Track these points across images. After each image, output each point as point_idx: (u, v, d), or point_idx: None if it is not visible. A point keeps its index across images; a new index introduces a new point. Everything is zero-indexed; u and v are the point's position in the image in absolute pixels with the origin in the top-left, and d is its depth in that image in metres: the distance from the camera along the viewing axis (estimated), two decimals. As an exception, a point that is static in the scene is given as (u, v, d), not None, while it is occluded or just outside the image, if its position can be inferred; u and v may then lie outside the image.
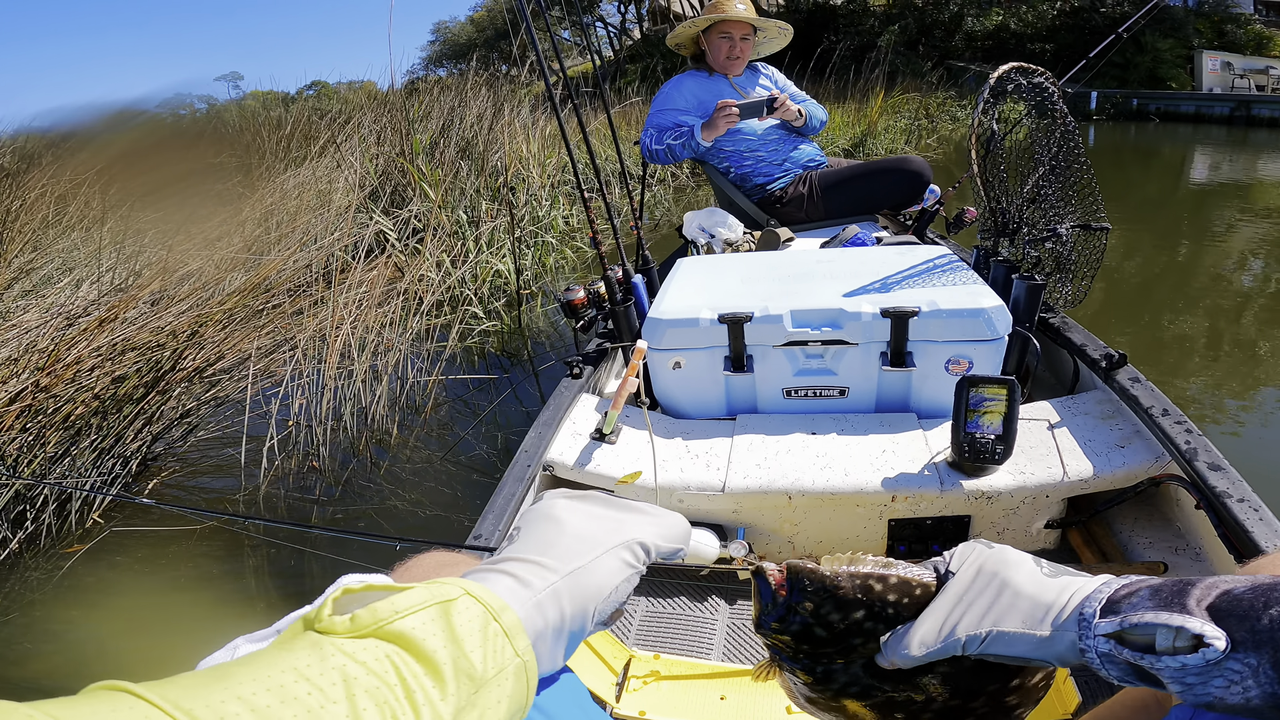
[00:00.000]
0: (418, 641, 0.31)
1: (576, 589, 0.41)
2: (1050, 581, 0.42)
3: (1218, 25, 16.08)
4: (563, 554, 0.42)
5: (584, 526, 0.44)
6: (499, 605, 0.36)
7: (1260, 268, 4.06)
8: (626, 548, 0.45)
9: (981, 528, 1.16)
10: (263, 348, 2.26)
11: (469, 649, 0.33)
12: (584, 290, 1.62)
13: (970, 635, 0.41)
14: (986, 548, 0.46)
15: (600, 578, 0.42)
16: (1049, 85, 1.44)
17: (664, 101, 2.44)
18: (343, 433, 2.19)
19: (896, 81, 9.95)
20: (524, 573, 0.40)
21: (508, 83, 6.00)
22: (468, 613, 0.34)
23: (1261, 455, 2.10)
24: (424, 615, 0.33)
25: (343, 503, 1.94)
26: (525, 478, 1.21)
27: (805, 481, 1.16)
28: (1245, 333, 3.05)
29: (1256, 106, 13.06)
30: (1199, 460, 1.00)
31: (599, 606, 0.42)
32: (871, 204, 2.39)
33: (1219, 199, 6.20)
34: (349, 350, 2.24)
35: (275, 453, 2.02)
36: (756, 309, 1.33)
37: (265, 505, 1.91)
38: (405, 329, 2.51)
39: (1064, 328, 1.48)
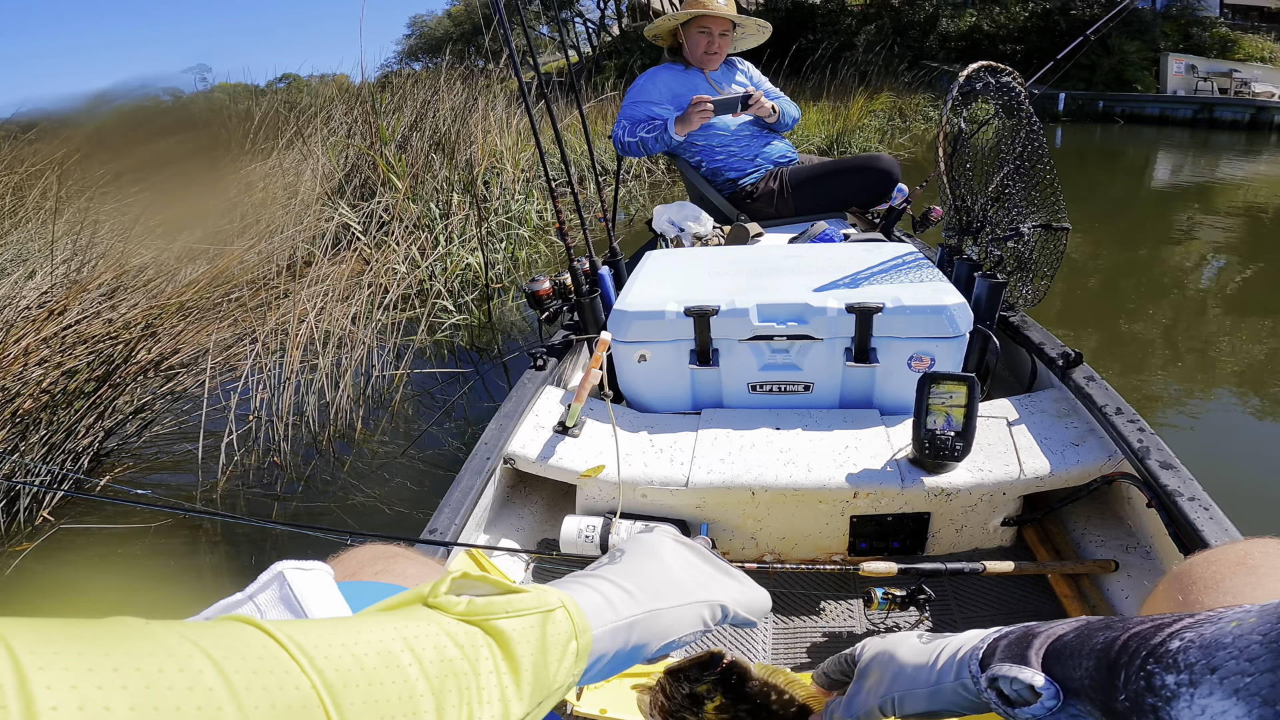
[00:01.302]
0: (514, 644, 0.34)
1: (651, 626, 0.43)
2: (925, 647, 0.48)
3: (1184, 28, 16.46)
4: (654, 591, 0.45)
5: (681, 573, 0.47)
6: (584, 626, 0.38)
7: (1218, 269, 4.17)
8: (708, 605, 0.47)
9: (940, 525, 1.17)
10: (222, 341, 2.20)
11: (550, 660, 0.35)
12: (550, 281, 1.60)
13: (881, 700, 0.48)
14: (881, 639, 0.53)
15: (674, 623, 0.45)
16: (1016, 85, 1.45)
17: (638, 93, 2.42)
18: (305, 428, 2.14)
19: (871, 81, 10.03)
20: (616, 597, 0.43)
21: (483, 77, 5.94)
22: (559, 625, 0.37)
23: (1217, 452, 2.16)
24: (528, 620, 0.35)
25: (305, 498, 1.90)
26: (484, 470, 1.19)
27: (768, 477, 1.16)
28: (1203, 332, 3.13)
29: (1219, 109, 13.41)
30: (1151, 459, 1.01)
31: (659, 648, 0.44)
32: (840, 201, 2.40)
33: (1180, 201, 6.36)
34: (313, 344, 2.19)
35: (235, 448, 1.97)
36: (723, 302, 1.32)
37: (224, 502, 1.87)
38: (371, 322, 2.47)
39: (1023, 326, 1.50)
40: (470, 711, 0.30)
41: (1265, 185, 7.03)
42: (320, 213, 3.21)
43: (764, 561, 1.21)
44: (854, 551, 1.20)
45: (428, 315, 2.77)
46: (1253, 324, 3.18)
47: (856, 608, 1.12)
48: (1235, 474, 2.00)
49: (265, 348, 2.19)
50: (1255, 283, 3.83)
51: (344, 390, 2.19)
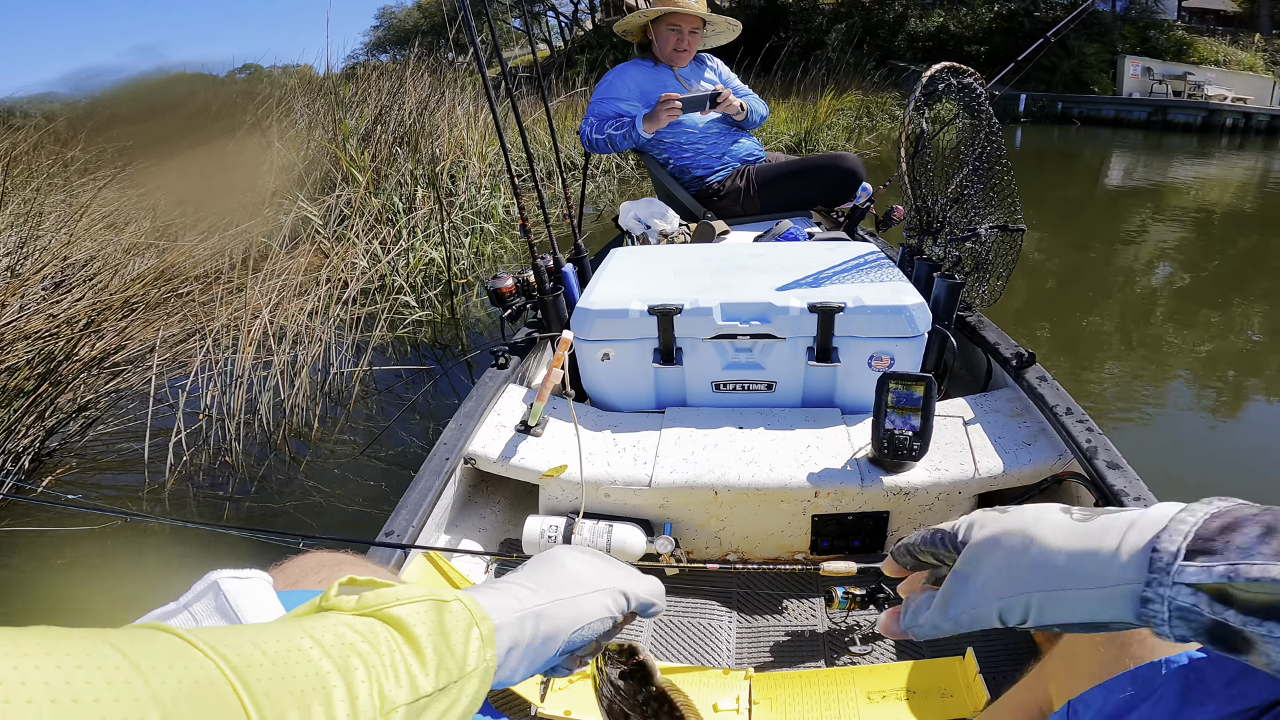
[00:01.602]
0: (409, 626, 0.36)
1: (556, 615, 0.46)
2: (1082, 527, 0.35)
3: (1142, 30, 16.94)
4: (556, 586, 0.48)
5: (579, 570, 0.51)
6: (482, 614, 0.41)
7: (1168, 270, 4.32)
8: (608, 593, 0.50)
9: (899, 524, 1.18)
10: (171, 337, 2.12)
11: (454, 643, 0.37)
12: (513, 278, 1.58)
13: (1005, 603, 0.37)
14: (1000, 514, 0.40)
15: (580, 611, 0.48)
16: (977, 86, 1.47)
17: (606, 90, 2.40)
18: (258, 426, 2.08)
19: (840, 80, 10.14)
20: (518, 593, 0.46)
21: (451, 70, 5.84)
22: (457, 614, 0.39)
23: (1165, 450, 2.23)
24: (419, 607, 0.37)
25: (259, 499, 1.84)
26: (443, 471, 1.17)
27: (731, 476, 1.16)
28: (1154, 330, 3.24)
29: (1172, 112, 13.85)
30: (1098, 459, 1.04)
31: (571, 636, 0.47)
32: (806, 200, 2.42)
33: (1133, 202, 6.57)
34: (267, 340, 2.12)
35: (184, 447, 1.90)
36: (687, 301, 1.32)
37: (173, 502, 1.80)
38: (329, 317, 2.40)
39: (979, 326, 1.53)
40: (380, 687, 0.32)
41: (1214, 187, 7.30)
42: (278, 206, 3.12)
43: (727, 561, 1.22)
44: (816, 550, 1.21)
45: (388, 311, 2.71)
46: (1201, 324, 3.30)
47: (819, 606, 1.13)
48: (1182, 472, 2.07)
49: (216, 344, 2.12)
50: (1203, 284, 3.98)
51: (300, 387, 2.13)
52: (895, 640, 1.05)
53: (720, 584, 1.19)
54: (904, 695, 0.93)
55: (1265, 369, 2.83)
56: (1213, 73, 15.52)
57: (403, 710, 0.32)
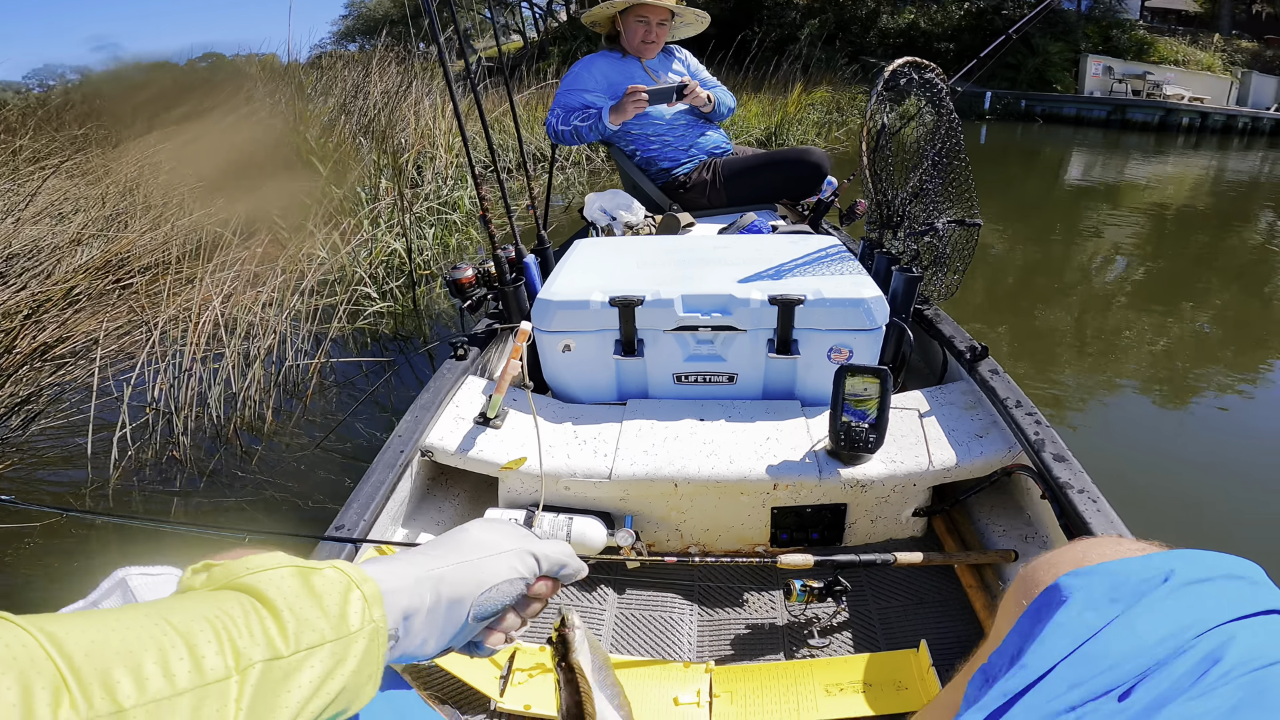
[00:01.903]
0: (263, 591, 0.36)
1: (459, 578, 0.46)
2: None
3: (1105, 30, 17.35)
4: (458, 550, 0.48)
5: (484, 536, 0.51)
6: (362, 577, 0.40)
7: (1123, 265, 4.44)
8: (515, 554, 0.50)
9: (856, 516, 1.19)
10: (117, 329, 2.04)
11: (327, 605, 0.37)
12: (473, 269, 1.56)
13: None
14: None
15: (485, 573, 0.47)
16: (939, 82, 1.48)
17: (573, 81, 2.38)
18: (208, 420, 2.02)
19: (812, 75, 10.20)
20: (415, 559, 0.46)
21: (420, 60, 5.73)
22: (329, 579, 0.38)
23: (1116, 443, 2.29)
24: (276, 574, 0.37)
25: (209, 494, 1.79)
26: (398, 464, 1.14)
27: (691, 469, 1.16)
28: (1109, 324, 3.33)
29: (1131, 111, 14.23)
30: (1045, 451, 1.06)
31: (478, 599, 0.46)
32: (772, 193, 2.43)
33: (1091, 199, 6.74)
34: (217, 331, 2.06)
35: (129, 442, 1.84)
36: (649, 293, 1.31)
37: (117, 498, 1.74)
38: (285, 308, 2.34)
39: (936, 319, 1.55)
40: (234, 646, 0.32)
41: (1169, 185, 7.53)
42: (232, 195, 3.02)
43: (688, 554, 1.22)
44: (775, 543, 1.21)
45: (348, 302, 2.65)
46: (1152, 320, 3.40)
47: (778, 599, 1.14)
48: (1128, 465, 2.13)
49: (164, 335, 2.04)
50: (1156, 280, 4.10)
51: (253, 379, 2.07)
52: (852, 632, 1.06)
53: (681, 577, 1.19)
54: (861, 688, 0.94)
55: (1212, 364, 2.93)
56: (1172, 72, 15.96)
57: (260, 666, 0.33)
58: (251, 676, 0.32)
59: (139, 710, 0.28)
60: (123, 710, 0.28)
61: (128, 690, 0.28)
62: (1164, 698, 0.39)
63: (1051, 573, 0.51)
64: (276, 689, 0.33)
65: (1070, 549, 0.54)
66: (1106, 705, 0.41)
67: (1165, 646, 0.42)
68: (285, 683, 0.34)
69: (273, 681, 0.33)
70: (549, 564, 0.52)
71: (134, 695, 0.28)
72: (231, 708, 0.31)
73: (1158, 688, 0.40)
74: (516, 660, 1.04)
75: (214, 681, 0.31)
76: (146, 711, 0.28)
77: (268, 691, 0.33)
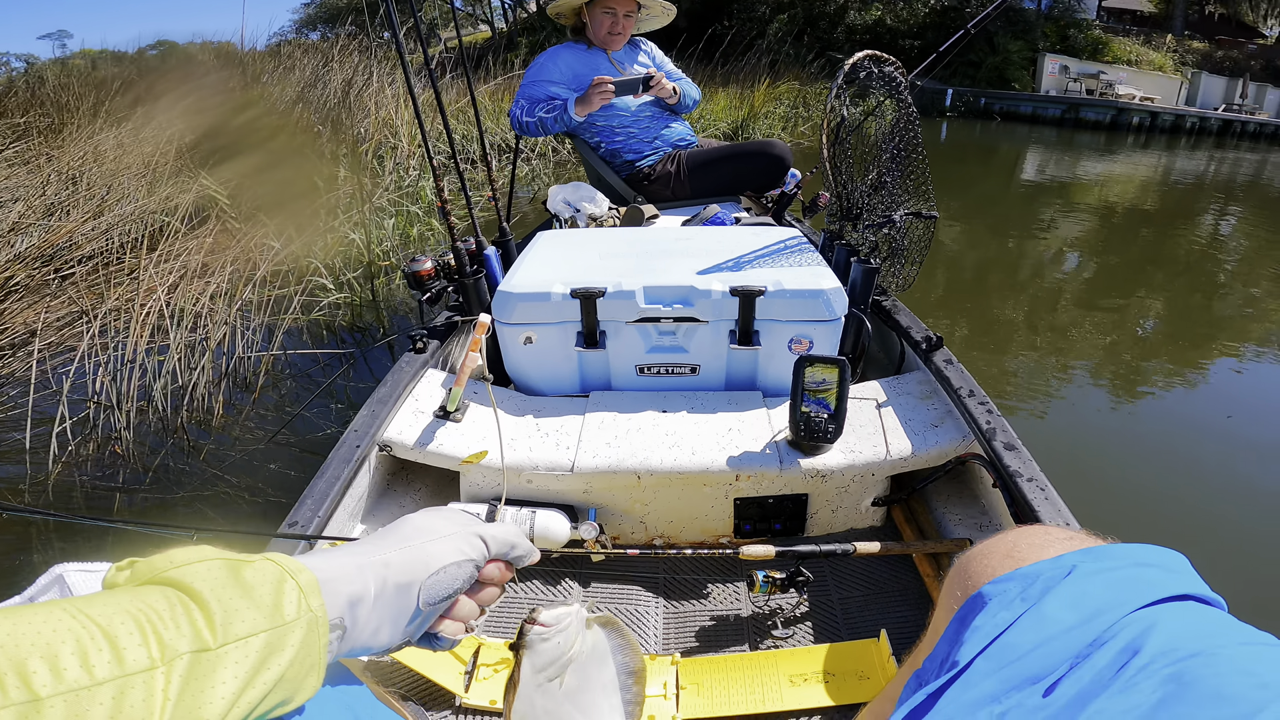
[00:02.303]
0: (189, 584, 0.35)
1: (404, 564, 0.45)
2: None
3: (1063, 29, 17.80)
4: (401, 537, 0.48)
5: (426, 521, 0.50)
6: (296, 567, 0.40)
7: (1075, 261, 4.58)
8: (462, 537, 0.49)
9: (818, 506, 1.20)
10: (57, 320, 1.95)
11: (259, 596, 0.36)
12: (432, 261, 1.52)
13: None
14: None
15: (431, 556, 0.47)
16: (897, 75, 1.49)
17: (538, 73, 2.34)
18: (153, 413, 1.95)
19: (780, 70, 10.27)
20: (355, 549, 0.45)
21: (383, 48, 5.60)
22: (261, 569, 0.38)
23: (1068, 432, 2.36)
24: (203, 567, 0.36)
25: (154, 490, 1.72)
26: (354, 459, 1.12)
27: (654, 461, 1.15)
28: (1061, 318, 3.43)
29: (1085, 109, 14.63)
30: (996, 440, 1.08)
31: (426, 581, 0.46)
32: (735, 185, 2.43)
33: (1044, 196, 6.93)
34: (163, 322, 1.98)
35: (69, 436, 1.76)
36: (610, 284, 1.30)
37: (57, 495, 1.66)
38: (235, 299, 2.26)
39: (893, 310, 1.57)
40: (160, 638, 0.32)
41: (1119, 184, 7.78)
42: (179, 184, 2.91)
43: (653, 545, 1.21)
44: (739, 534, 1.22)
45: (302, 293, 2.58)
46: (1103, 313, 3.52)
47: (742, 591, 1.14)
48: (1080, 454, 2.20)
49: (106, 327, 1.96)
50: (1105, 275, 4.24)
51: (201, 372, 2.00)
52: (815, 622, 1.08)
53: (646, 569, 1.19)
54: (823, 678, 0.96)
55: (1158, 357, 3.05)
56: (1124, 72, 16.43)
57: (188, 657, 0.33)
58: (179, 667, 0.32)
59: (56, 699, 0.28)
60: (39, 699, 0.28)
61: (44, 680, 0.28)
62: (1087, 693, 0.40)
63: (983, 564, 0.52)
64: (207, 679, 0.33)
65: (1002, 539, 0.55)
66: (1030, 700, 0.41)
67: (1078, 634, 0.43)
68: (215, 673, 0.33)
69: (202, 672, 0.33)
70: (498, 546, 0.51)
71: (50, 685, 0.28)
72: (158, 698, 0.31)
73: (1080, 681, 0.40)
74: (481, 656, 1.03)
75: (136, 672, 0.31)
76: (64, 700, 0.28)
77: (197, 682, 0.33)
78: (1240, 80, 17.12)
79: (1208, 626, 0.42)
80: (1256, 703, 0.34)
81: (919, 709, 0.45)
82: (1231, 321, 3.56)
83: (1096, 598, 0.45)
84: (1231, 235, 5.64)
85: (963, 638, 0.47)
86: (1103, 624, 0.43)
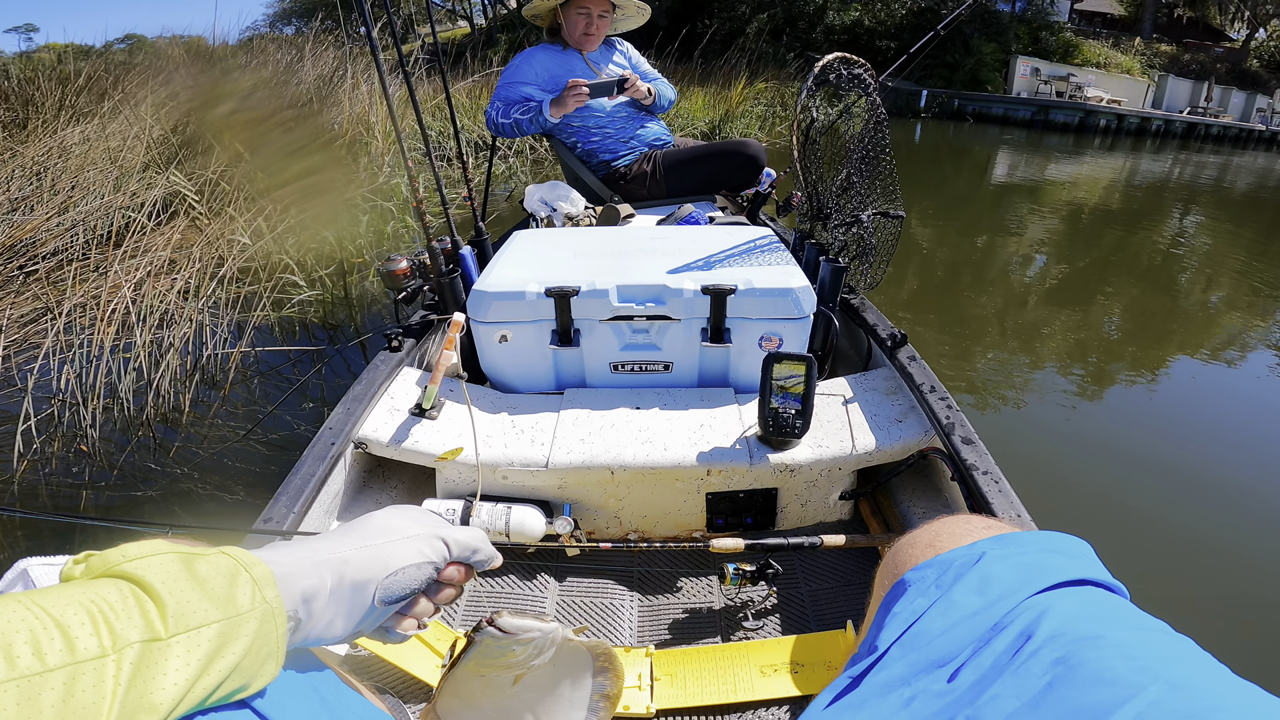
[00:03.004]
0: (141, 577, 0.36)
1: (362, 562, 0.46)
2: None
3: (1035, 31, 18.11)
4: (362, 535, 0.48)
5: (390, 521, 0.51)
6: (251, 561, 0.41)
7: (1042, 261, 4.69)
8: (423, 539, 0.50)
9: (787, 500, 1.23)
10: (20, 317, 1.91)
11: (212, 588, 0.37)
12: (407, 260, 1.53)
13: None
14: None
15: (390, 557, 0.48)
16: (866, 77, 1.53)
17: (513, 74, 2.35)
18: (118, 411, 1.92)
19: (758, 69, 10.32)
20: (315, 544, 0.46)
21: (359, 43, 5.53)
22: (215, 563, 0.39)
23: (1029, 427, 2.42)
24: (156, 560, 0.37)
25: (120, 488, 1.70)
26: (328, 456, 1.12)
27: (627, 456, 1.17)
28: (1027, 316, 3.52)
29: (1054, 112, 14.91)
30: (955, 434, 1.12)
31: (383, 581, 0.47)
32: (710, 184, 2.46)
33: (1014, 197, 7.08)
34: (129, 318, 1.95)
35: (34, 434, 1.73)
36: (584, 283, 1.31)
37: (23, 493, 1.63)
38: (202, 296, 2.22)
39: (861, 308, 1.60)
40: (111, 628, 0.33)
41: (1085, 185, 7.97)
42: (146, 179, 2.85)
43: (628, 540, 1.23)
44: (711, 528, 1.24)
45: (272, 290, 2.55)
46: (1067, 313, 3.61)
47: (715, 584, 1.16)
48: (1038, 448, 2.25)
49: (71, 324, 1.92)
50: (1071, 275, 4.35)
51: (168, 369, 1.97)
52: (784, 614, 1.10)
53: (621, 563, 1.20)
54: (792, 668, 0.98)
55: (1120, 355, 3.14)
56: (1093, 74, 16.76)
57: (138, 646, 0.34)
58: (129, 655, 0.33)
59: (9, 685, 0.29)
60: None
61: None
62: (986, 678, 0.41)
63: (908, 553, 0.55)
64: (157, 666, 0.34)
65: (926, 529, 0.58)
66: (936, 685, 0.43)
67: (981, 619, 0.45)
68: (167, 661, 0.35)
69: (152, 660, 0.34)
70: (459, 549, 0.52)
71: (4, 671, 0.29)
72: (109, 684, 0.32)
73: (981, 667, 0.42)
74: (458, 649, 1.04)
75: (87, 660, 0.32)
76: (17, 686, 0.29)
77: (148, 669, 0.34)
78: (1206, 83, 17.60)
79: (1099, 611, 0.44)
80: (1136, 685, 0.36)
81: (844, 691, 0.47)
82: (1191, 321, 3.68)
83: (1000, 583, 0.47)
84: (1194, 236, 5.81)
85: (884, 623, 0.50)
86: (1003, 609, 0.45)
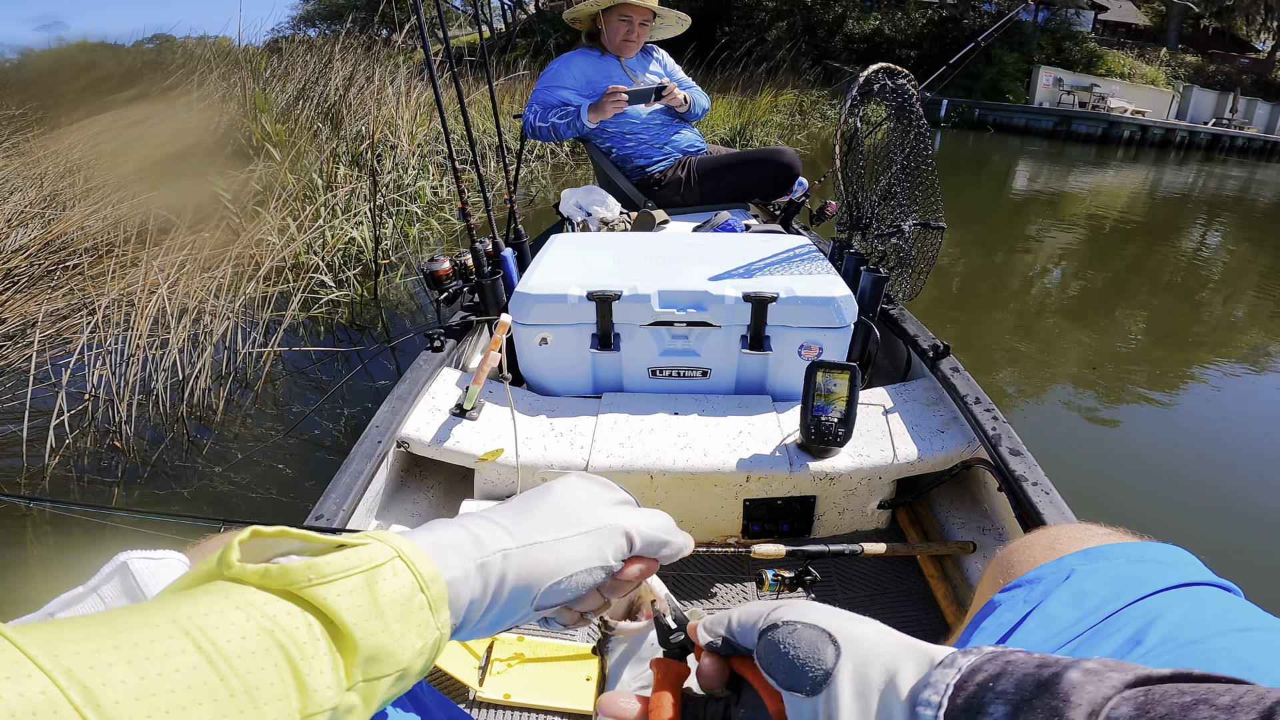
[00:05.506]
0: (336, 613, 0.29)
1: (529, 563, 0.38)
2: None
3: (1058, 41, 17.95)
4: (534, 524, 0.39)
5: (569, 504, 0.41)
6: (431, 575, 0.33)
7: (1065, 272, 4.65)
8: (603, 534, 0.41)
9: (825, 508, 1.23)
10: (55, 312, 1.94)
11: (390, 621, 0.30)
12: (450, 261, 1.54)
13: None
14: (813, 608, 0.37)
15: (561, 559, 0.39)
16: (910, 88, 1.53)
17: (552, 78, 2.37)
18: (153, 408, 1.95)
19: (778, 77, 10.33)
20: (484, 532, 0.37)
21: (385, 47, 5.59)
22: (395, 581, 0.31)
23: (1065, 438, 2.41)
24: (347, 584, 0.30)
25: (152, 485, 1.73)
26: (375, 454, 1.14)
27: (666, 461, 1.18)
28: (1049, 328, 3.49)
29: (1076, 122, 14.76)
30: (1002, 445, 1.11)
31: (548, 588, 0.38)
32: (744, 192, 2.47)
33: (1035, 208, 7.02)
34: (164, 317, 1.97)
35: (66, 429, 1.75)
36: (625, 288, 1.32)
37: (54, 487, 1.66)
38: (236, 295, 2.25)
39: (900, 318, 1.61)
40: (303, 686, 0.27)
41: (1108, 196, 7.89)
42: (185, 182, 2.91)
43: (661, 544, 1.24)
44: (747, 534, 1.24)
45: (303, 290, 2.58)
46: (1090, 324, 3.58)
47: (750, 589, 1.17)
48: (1073, 457, 2.25)
49: (106, 320, 1.95)
50: (1094, 287, 4.30)
51: (202, 367, 2.00)
52: None
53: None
54: None
55: (1147, 365, 3.11)
56: (1117, 85, 16.58)
57: (328, 713, 0.27)
58: None
59: None
60: None
61: None
62: None
63: (1025, 554, 0.55)
64: None
65: (1045, 532, 0.58)
66: None
67: (1078, 630, 0.45)
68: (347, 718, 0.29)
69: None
70: (644, 543, 0.42)
71: None
72: None
73: None
74: (495, 650, 1.05)
75: None
76: None
77: None
78: (1231, 94, 17.38)
79: (1207, 613, 0.43)
80: None
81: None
82: (1218, 332, 3.63)
83: (1093, 596, 0.47)
84: (1218, 249, 5.74)
85: (971, 639, 0.50)
86: (1101, 616, 0.44)
